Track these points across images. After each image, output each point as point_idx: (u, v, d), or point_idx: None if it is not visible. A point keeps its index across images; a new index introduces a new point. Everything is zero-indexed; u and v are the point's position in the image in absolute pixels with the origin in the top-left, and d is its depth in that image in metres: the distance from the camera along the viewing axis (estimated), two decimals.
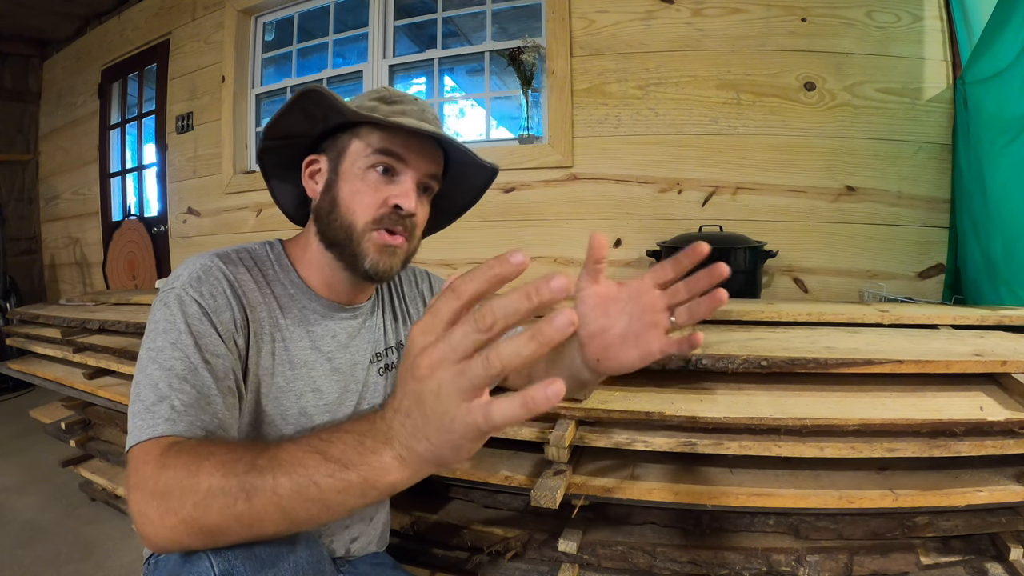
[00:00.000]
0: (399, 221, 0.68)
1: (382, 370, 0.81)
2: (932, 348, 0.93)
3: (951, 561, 0.87)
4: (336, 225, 0.69)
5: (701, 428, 0.82)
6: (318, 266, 0.73)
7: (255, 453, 0.46)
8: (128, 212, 3.40)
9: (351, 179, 0.69)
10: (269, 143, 0.73)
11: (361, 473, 0.41)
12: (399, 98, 0.72)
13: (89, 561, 1.43)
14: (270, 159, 0.77)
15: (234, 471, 0.44)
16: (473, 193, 0.85)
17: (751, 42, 1.97)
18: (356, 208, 0.68)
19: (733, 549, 0.90)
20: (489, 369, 0.33)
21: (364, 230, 0.68)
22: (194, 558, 0.47)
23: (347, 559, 0.80)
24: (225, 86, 2.77)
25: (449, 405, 0.35)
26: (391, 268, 0.70)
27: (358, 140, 0.69)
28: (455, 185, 0.81)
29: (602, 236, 0.56)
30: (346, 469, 0.41)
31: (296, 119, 0.70)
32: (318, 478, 0.42)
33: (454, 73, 2.94)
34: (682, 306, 0.58)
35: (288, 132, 0.72)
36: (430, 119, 0.72)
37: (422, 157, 0.70)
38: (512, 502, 1.04)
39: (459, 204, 0.88)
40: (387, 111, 0.69)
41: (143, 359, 0.59)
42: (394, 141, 0.68)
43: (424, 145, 0.70)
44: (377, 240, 0.68)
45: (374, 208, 0.68)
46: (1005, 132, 1.46)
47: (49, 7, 3.38)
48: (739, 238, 1.76)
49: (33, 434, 2.30)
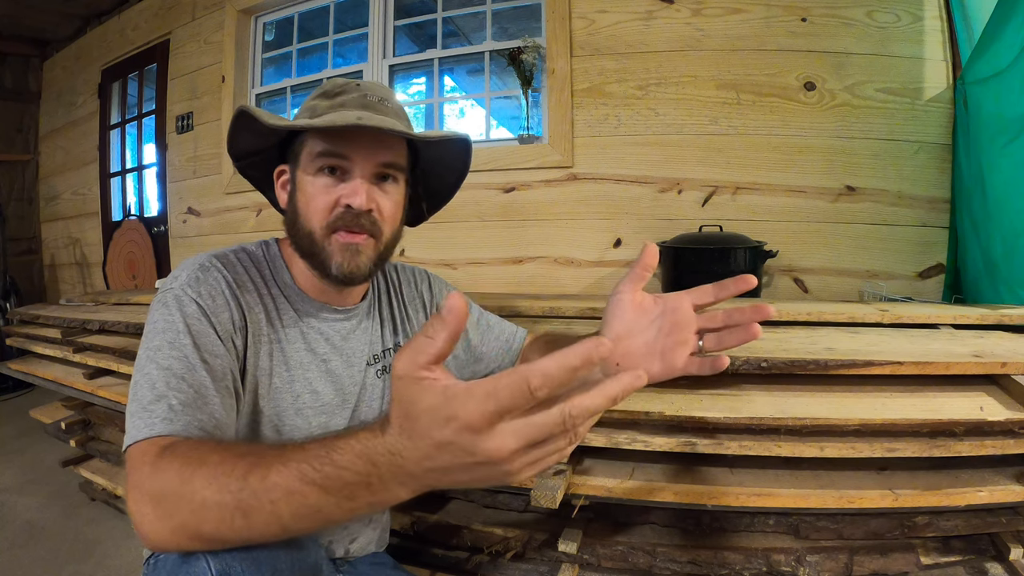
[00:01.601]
0: (354, 220, 0.67)
1: (380, 372, 0.80)
2: (932, 349, 0.93)
3: (951, 561, 0.87)
4: (301, 234, 0.69)
5: (701, 428, 0.82)
6: (302, 269, 0.73)
7: (246, 467, 0.44)
8: (128, 212, 3.40)
9: (304, 186, 0.69)
10: (239, 163, 0.75)
11: (369, 503, 0.41)
12: (340, 88, 0.71)
13: (89, 561, 1.43)
14: (253, 174, 0.78)
15: (227, 487, 0.43)
16: (458, 166, 0.81)
17: (751, 42, 1.97)
18: (311, 214, 0.68)
19: (733, 549, 0.90)
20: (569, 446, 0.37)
21: (323, 235, 0.67)
22: (192, 559, 0.47)
23: (347, 559, 0.80)
24: (225, 86, 2.77)
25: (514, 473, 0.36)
26: (358, 267, 0.68)
27: (306, 147, 0.69)
28: (435, 161, 0.78)
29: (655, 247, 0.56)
30: (351, 500, 0.41)
31: (245, 138, 0.71)
32: (321, 506, 0.41)
33: (454, 73, 2.94)
34: (713, 333, 0.57)
35: (248, 150, 0.73)
36: (372, 103, 0.69)
37: (369, 148, 0.67)
38: (512, 502, 1.04)
39: (449, 179, 0.83)
40: (326, 106, 0.69)
41: (141, 358, 0.59)
42: (334, 140, 0.66)
43: (370, 135, 0.67)
44: (338, 241, 0.67)
45: (327, 211, 0.67)
46: (1005, 132, 1.46)
47: (49, 7, 3.38)
48: (739, 238, 1.76)
49: (33, 434, 2.30)
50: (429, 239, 2.29)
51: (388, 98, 0.73)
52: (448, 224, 2.26)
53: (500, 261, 2.25)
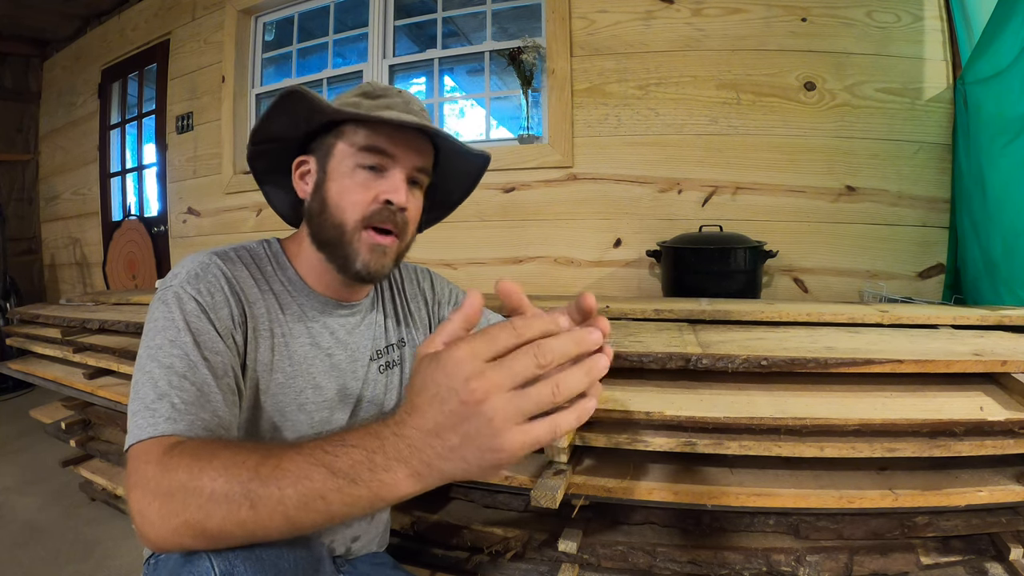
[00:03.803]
0: (390, 217, 0.68)
1: (382, 368, 0.80)
2: (932, 348, 0.93)
3: (951, 561, 0.87)
4: (327, 225, 0.69)
5: (701, 428, 0.82)
6: (313, 265, 0.73)
7: (258, 459, 0.45)
8: (128, 212, 3.40)
9: (339, 178, 0.69)
10: (257, 147, 0.74)
11: (371, 488, 0.41)
12: (383, 92, 0.72)
13: (89, 561, 1.43)
14: (260, 164, 0.77)
15: (238, 477, 0.44)
16: (467, 183, 0.84)
17: (751, 42, 1.97)
18: (346, 206, 0.68)
19: (733, 549, 0.90)
20: (555, 397, 0.37)
21: (355, 229, 0.68)
22: (195, 558, 0.47)
23: (347, 558, 0.80)
24: (225, 86, 2.77)
25: (502, 428, 0.37)
26: (383, 267, 0.69)
27: (344, 138, 0.69)
28: (448, 176, 0.80)
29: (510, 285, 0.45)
30: (355, 484, 0.41)
31: (281, 121, 0.70)
32: (325, 492, 0.41)
33: (454, 73, 2.94)
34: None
35: (274, 135, 0.73)
36: (416, 111, 0.71)
37: (409, 150, 0.69)
38: (512, 502, 1.04)
39: (454, 196, 0.87)
40: (370, 106, 0.69)
41: (142, 357, 0.59)
42: (379, 137, 0.67)
43: (411, 138, 0.69)
44: (368, 240, 0.68)
45: (364, 205, 0.68)
46: (1005, 132, 1.46)
47: (49, 7, 3.38)
48: (739, 238, 1.76)
49: (33, 434, 2.30)
50: (429, 239, 2.25)
51: (426, 111, 0.74)
52: (448, 224, 2.21)
53: (500, 261, 2.25)
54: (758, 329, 1.13)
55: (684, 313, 1.24)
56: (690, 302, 1.35)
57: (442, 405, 0.38)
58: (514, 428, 0.37)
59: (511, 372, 0.37)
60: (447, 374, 0.37)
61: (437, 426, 0.38)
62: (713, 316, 1.21)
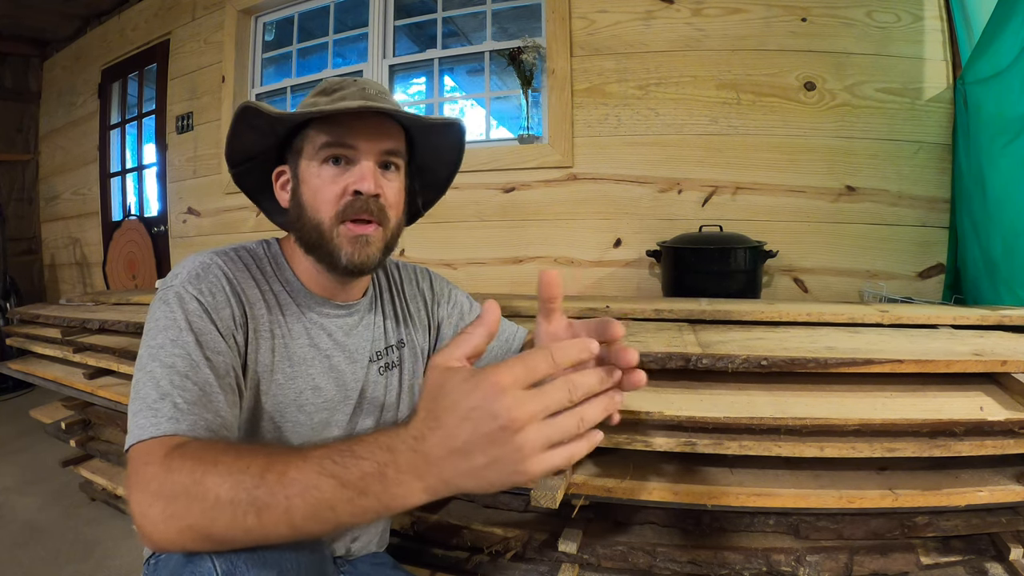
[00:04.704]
0: (364, 207, 0.68)
1: (382, 369, 0.80)
2: (932, 348, 0.93)
3: (951, 561, 0.87)
4: (308, 227, 0.69)
5: (701, 428, 0.82)
6: (306, 266, 0.74)
7: (263, 464, 0.44)
8: (128, 212, 3.40)
9: (309, 179, 0.69)
10: (239, 168, 0.74)
11: (381, 501, 0.41)
12: (338, 85, 0.72)
13: (89, 561, 1.43)
14: (249, 183, 0.78)
15: (243, 484, 0.43)
16: (451, 157, 0.82)
17: (751, 42, 1.97)
18: (319, 205, 0.68)
19: (733, 549, 0.90)
20: (579, 430, 0.39)
21: (332, 225, 0.68)
22: (196, 558, 0.47)
23: (347, 559, 0.80)
24: (225, 86, 2.77)
25: (529, 455, 0.38)
26: (368, 257, 0.69)
27: (308, 140, 0.69)
28: (428, 154, 0.79)
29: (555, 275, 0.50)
30: (364, 496, 0.41)
31: (249, 138, 0.71)
32: (335, 503, 0.41)
33: (454, 73, 2.94)
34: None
35: (252, 152, 0.73)
36: (372, 95, 0.70)
37: (372, 136, 0.68)
38: (512, 502, 1.04)
39: (442, 173, 0.85)
40: (326, 101, 0.69)
41: (143, 357, 0.58)
42: (338, 130, 0.67)
43: (372, 124, 0.68)
44: (346, 233, 0.68)
45: (336, 200, 0.68)
46: (1005, 132, 1.46)
47: (49, 7, 3.38)
48: (739, 238, 1.76)
49: (33, 434, 2.30)
50: (429, 239, 2.29)
51: (385, 93, 0.73)
52: (448, 224, 2.26)
53: (500, 261, 2.25)
54: (758, 329, 1.13)
55: (684, 313, 1.24)
56: (690, 302, 1.35)
57: (476, 427, 0.38)
58: (539, 455, 0.38)
59: (545, 404, 0.38)
60: (485, 397, 0.38)
61: (466, 445, 0.38)
62: (713, 316, 1.21)
